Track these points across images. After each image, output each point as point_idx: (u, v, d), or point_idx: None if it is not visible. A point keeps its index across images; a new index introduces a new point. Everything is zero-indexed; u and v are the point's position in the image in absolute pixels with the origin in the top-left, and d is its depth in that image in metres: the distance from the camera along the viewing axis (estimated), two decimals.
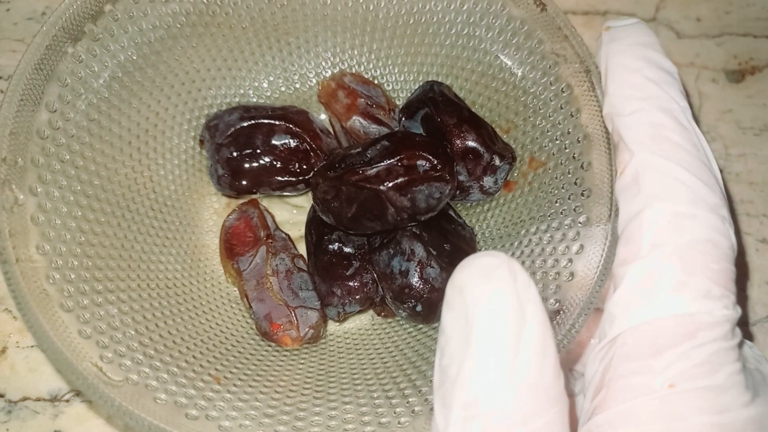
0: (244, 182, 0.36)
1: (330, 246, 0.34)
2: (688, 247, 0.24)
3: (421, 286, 0.31)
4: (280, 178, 0.36)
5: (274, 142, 0.36)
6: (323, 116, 0.40)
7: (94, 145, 0.32)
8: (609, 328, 0.24)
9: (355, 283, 0.33)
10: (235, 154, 0.36)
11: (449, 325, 0.21)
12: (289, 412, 0.28)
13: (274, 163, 0.36)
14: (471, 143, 0.32)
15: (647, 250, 0.24)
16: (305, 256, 0.36)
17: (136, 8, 0.33)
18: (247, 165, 0.36)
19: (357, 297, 0.33)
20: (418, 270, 0.32)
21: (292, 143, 0.36)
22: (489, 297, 0.20)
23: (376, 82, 0.39)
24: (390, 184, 0.30)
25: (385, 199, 0.31)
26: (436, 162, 0.31)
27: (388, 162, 0.31)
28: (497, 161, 0.33)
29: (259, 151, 0.36)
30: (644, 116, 0.26)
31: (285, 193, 0.37)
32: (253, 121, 0.36)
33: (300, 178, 0.36)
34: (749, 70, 0.47)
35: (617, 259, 0.26)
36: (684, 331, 0.23)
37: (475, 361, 0.20)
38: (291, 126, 0.36)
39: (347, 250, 0.34)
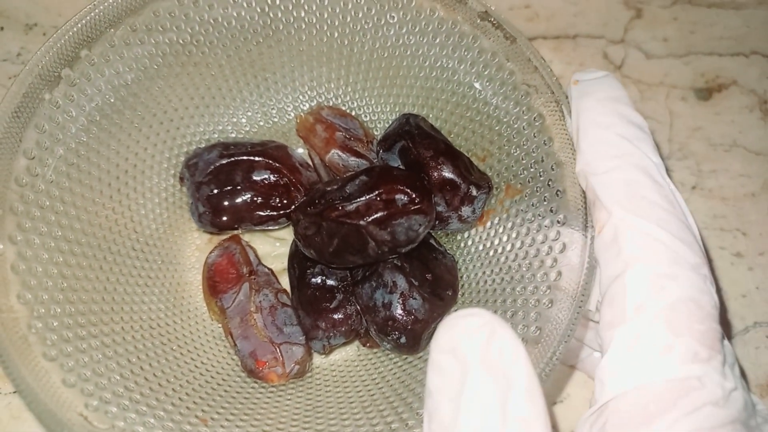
0: (225, 218, 0.36)
1: (313, 279, 0.35)
2: (672, 309, 0.24)
3: (404, 318, 0.32)
4: (261, 213, 0.36)
5: (254, 177, 0.36)
6: (302, 150, 0.40)
7: (74, 189, 0.33)
8: (600, 394, 0.24)
9: (340, 316, 0.34)
10: (215, 191, 0.36)
11: (437, 391, 0.21)
12: None
13: (255, 198, 0.36)
14: (448, 175, 0.33)
15: (632, 313, 0.24)
16: (288, 289, 0.36)
17: (112, 51, 0.34)
18: (227, 202, 0.36)
19: (342, 329, 0.34)
20: (401, 302, 0.32)
21: (272, 178, 0.36)
22: (474, 362, 0.20)
23: (353, 114, 0.40)
24: (370, 219, 0.31)
25: (366, 233, 0.31)
26: (414, 195, 0.31)
27: (367, 197, 0.31)
28: (474, 191, 0.33)
29: (239, 187, 0.36)
30: (619, 174, 0.26)
31: (266, 228, 0.38)
32: (232, 158, 0.36)
33: (281, 212, 0.36)
34: (716, 87, 0.49)
35: (602, 322, 0.25)
36: (675, 397, 0.22)
37: None
38: (270, 161, 0.36)
39: (330, 282, 0.35)
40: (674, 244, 0.25)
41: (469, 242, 0.37)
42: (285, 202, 0.36)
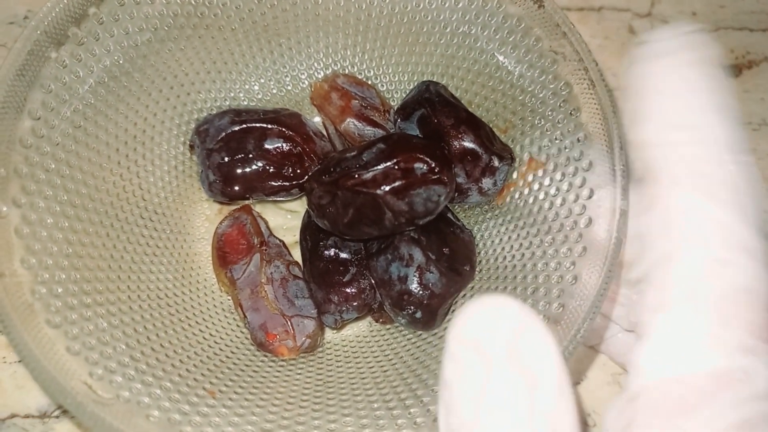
0: (236, 188, 0.35)
1: (326, 252, 0.33)
2: (723, 297, 0.22)
3: (420, 293, 0.31)
4: (273, 183, 0.35)
5: (266, 146, 0.35)
6: (317, 119, 0.39)
7: (81, 153, 0.31)
8: (634, 380, 0.23)
9: (353, 290, 0.33)
10: (226, 159, 0.35)
11: (455, 382, 0.19)
12: (287, 426, 0.27)
13: (267, 167, 0.35)
14: (469, 144, 0.32)
15: (679, 299, 0.22)
16: (300, 262, 0.35)
17: (121, 10, 0.32)
18: (239, 170, 0.35)
19: (354, 304, 0.33)
20: (417, 276, 0.31)
21: (285, 147, 0.35)
22: (499, 357, 0.19)
23: (369, 82, 0.39)
24: (387, 188, 0.29)
25: (383, 203, 0.30)
26: (433, 164, 0.30)
27: (385, 165, 0.30)
28: (496, 162, 0.32)
29: (251, 155, 0.35)
30: (681, 147, 0.24)
31: (278, 198, 0.36)
32: (244, 125, 0.35)
33: (294, 182, 0.35)
34: (746, 64, 0.47)
35: (644, 305, 0.24)
36: (716, 389, 0.21)
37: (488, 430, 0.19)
38: (284, 129, 0.35)
39: (343, 255, 0.33)
40: (733, 225, 0.23)
41: (488, 216, 0.36)
42: (298, 172, 0.35)
